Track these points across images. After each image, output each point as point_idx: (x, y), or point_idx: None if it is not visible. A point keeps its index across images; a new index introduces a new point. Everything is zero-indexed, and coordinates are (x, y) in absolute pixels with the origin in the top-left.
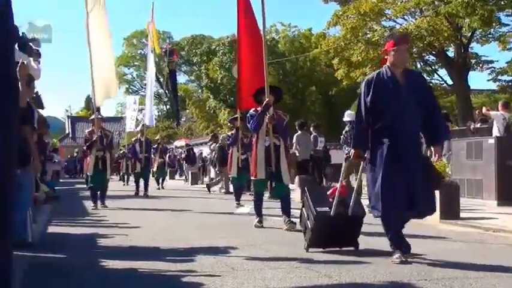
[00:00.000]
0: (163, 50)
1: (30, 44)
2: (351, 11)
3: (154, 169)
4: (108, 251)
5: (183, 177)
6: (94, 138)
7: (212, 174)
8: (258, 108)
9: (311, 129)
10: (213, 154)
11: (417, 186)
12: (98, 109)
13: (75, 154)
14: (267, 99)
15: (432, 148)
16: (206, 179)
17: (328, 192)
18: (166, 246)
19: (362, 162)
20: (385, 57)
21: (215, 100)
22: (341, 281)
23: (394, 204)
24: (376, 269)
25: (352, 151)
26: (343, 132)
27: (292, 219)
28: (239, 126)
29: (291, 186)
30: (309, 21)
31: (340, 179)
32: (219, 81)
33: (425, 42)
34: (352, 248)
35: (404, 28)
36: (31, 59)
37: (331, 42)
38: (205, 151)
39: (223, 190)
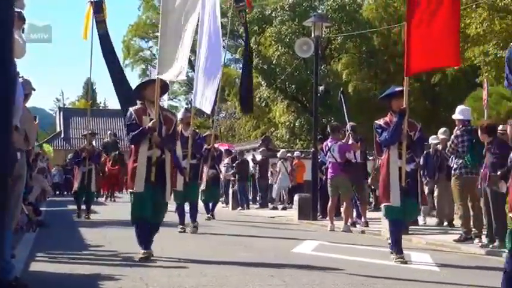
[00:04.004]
0: None
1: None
2: None
3: (203, 186)
4: None
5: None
6: (150, 124)
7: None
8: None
9: None
10: None
11: None
12: (165, 89)
13: (68, 160)
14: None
15: None
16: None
17: None
18: None
19: None
20: None
21: (269, 88)
22: None
23: None
24: None
25: None
26: (452, 137)
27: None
28: (405, 108)
29: None
30: None
31: None
32: (274, 62)
33: None
34: None
35: None
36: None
37: None
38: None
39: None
